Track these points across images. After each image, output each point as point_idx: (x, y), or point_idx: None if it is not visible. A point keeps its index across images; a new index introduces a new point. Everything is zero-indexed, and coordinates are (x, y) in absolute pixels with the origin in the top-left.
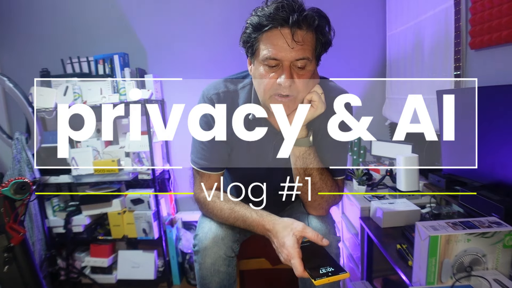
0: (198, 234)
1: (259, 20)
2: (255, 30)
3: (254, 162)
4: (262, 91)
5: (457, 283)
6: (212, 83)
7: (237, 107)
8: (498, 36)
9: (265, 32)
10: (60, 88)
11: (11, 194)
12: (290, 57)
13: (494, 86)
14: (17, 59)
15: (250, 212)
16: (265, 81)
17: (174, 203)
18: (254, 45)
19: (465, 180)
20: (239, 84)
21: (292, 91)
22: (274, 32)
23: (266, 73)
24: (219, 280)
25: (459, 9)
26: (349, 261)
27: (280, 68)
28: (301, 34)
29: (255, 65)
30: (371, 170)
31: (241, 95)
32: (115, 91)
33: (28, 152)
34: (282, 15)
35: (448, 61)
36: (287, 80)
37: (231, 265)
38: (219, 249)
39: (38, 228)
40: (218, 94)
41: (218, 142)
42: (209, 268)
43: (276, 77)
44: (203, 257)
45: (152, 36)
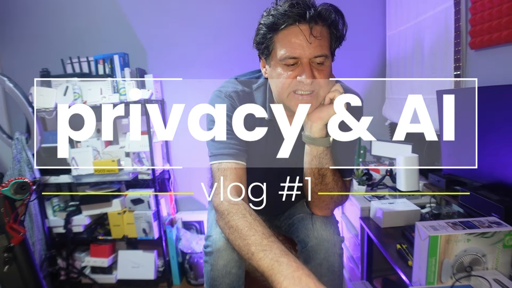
0: (212, 235)
1: (274, 19)
2: (270, 30)
3: (265, 162)
4: (279, 89)
5: (457, 283)
6: (228, 82)
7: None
8: (498, 36)
9: (281, 31)
10: (60, 88)
11: (11, 194)
12: (309, 54)
13: (494, 86)
14: (17, 59)
15: (265, 248)
16: (283, 80)
17: (174, 203)
18: (270, 46)
19: (465, 180)
20: (253, 85)
21: (314, 87)
22: (291, 30)
23: (284, 72)
24: (229, 282)
25: (459, 9)
26: (349, 261)
27: (299, 66)
28: (318, 29)
29: (272, 66)
30: (371, 170)
31: (256, 95)
32: (115, 91)
33: (28, 152)
34: (297, 11)
35: (448, 61)
36: (309, 77)
37: (241, 267)
38: (232, 251)
39: (38, 228)
40: (237, 92)
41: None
42: (221, 270)
43: (295, 76)
44: (216, 258)
45: (152, 36)
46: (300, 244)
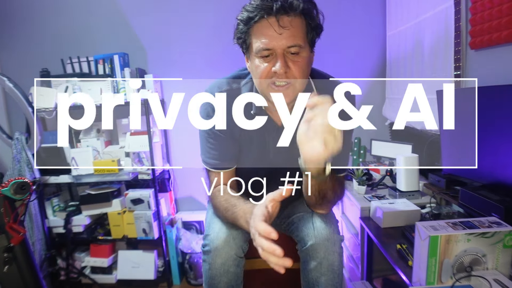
0: (209, 234)
1: (247, 14)
2: (245, 25)
3: (256, 157)
4: (258, 81)
5: (457, 283)
6: (215, 82)
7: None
8: (498, 36)
9: (254, 24)
10: (60, 88)
11: (11, 194)
12: (282, 44)
13: (494, 86)
14: (17, 59)
15: (240, 202)
16: (260, 72)
17: (174, 203)
18: (247, 40)
19: (465, 180)
20: (242, 81)
21: (289, 78)
22: (263, 23)
23: (261, 64)
24: (227, 280)
25: (459, 9)
26: (349, 261)
27: (274, 57)
28: (287, 20)
29: (251, 59)
30: (371, 170)
31: (243, 91)
32: (115, 91)
33: (28, 152)
34: (267, 4)
35: (448, 61)
36: (282, 67)
37: (240, 265)
38: (230, 249)
39: (38, 228)
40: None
41: (226, 139)
42: (219, 268)
43: (270, 67)
44: (213, 257)
45: (152, 36)
46: (300, 243)
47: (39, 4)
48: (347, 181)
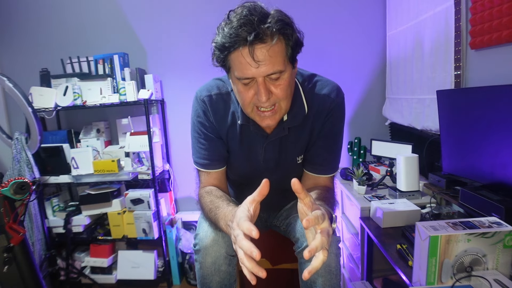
0: (199, 233)
1: (223, 41)
2: (221, 52)
3: (245, 164)
4: (242, 105)
5: (457, 283)
6: (205, 85)
7: (229, 109)
8: (498, 36)
9: (230, 53)
10: (60, 88)
11: (11, 194)
12: (261, 73)
13: (494, 86)
14: (17, 59)
15: (223, 204)
16: (243, 98)
17: (174, 203)
18: (226, 64)
19: (465, 180)
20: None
21: (275, 101)
22: (238, 53)
23: (243, 90)
24: (219, 279)
25: (459, 9)
26: (349, 261)
27: (255, 83)
28: (265, 48)
29: (233, 82)
30: (371, 170)
31: (233, 97)
32: (115, 91)
33: (28, 152)
34: (242, 35)
35: (448, 61)
36: (264, 95)
37: (231, 264)
38: (220, 247)
39: (38, 228)
40: (210, 96)
41: (216, 140)
42: (210, 267)
43: (253, 93)
44: (203, 256)
45: (152, 36)
46: (297, 244)
47: (39, 4)
48: (347, 181)
